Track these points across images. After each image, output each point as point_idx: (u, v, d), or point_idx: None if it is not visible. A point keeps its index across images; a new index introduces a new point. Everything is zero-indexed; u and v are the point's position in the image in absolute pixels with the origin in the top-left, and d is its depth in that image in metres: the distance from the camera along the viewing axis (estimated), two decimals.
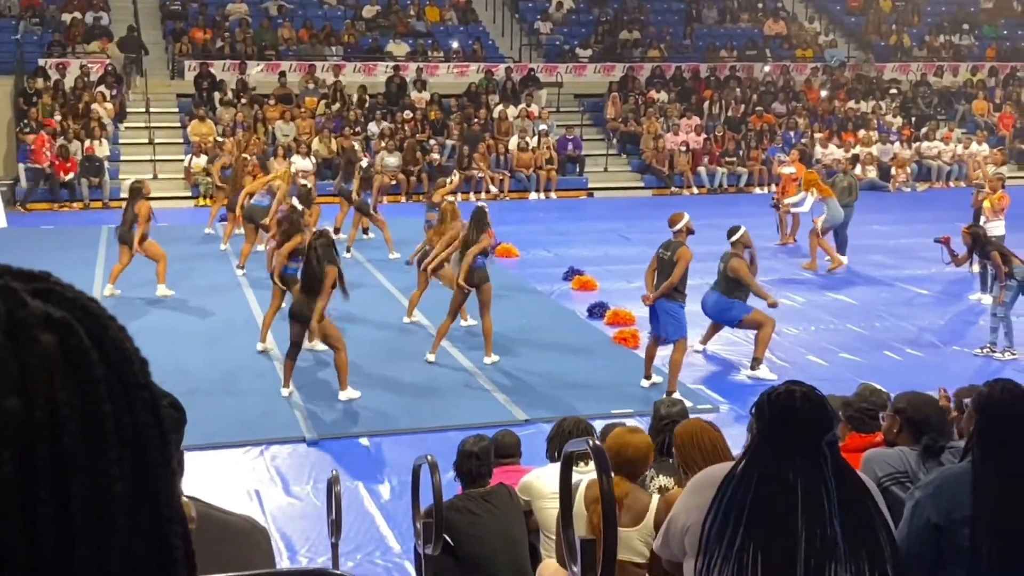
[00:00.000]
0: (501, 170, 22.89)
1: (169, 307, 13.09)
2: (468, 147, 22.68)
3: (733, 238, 10.78)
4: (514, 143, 23.18)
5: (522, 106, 24.29)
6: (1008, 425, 3.23)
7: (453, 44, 26.43)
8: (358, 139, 21.71)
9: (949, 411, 4.85)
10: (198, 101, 22.92)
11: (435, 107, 24.13)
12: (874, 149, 25.22)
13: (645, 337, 10.69)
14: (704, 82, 26.73)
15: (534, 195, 22.75)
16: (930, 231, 14.46)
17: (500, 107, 24.39)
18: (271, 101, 23.18)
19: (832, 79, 27.82)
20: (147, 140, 22.29)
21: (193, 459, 6.22)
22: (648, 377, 10.26)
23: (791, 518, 2.74)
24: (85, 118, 21.62)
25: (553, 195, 22.79)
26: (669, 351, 10.01)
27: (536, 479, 5.42)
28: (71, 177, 20.60)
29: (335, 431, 9.25)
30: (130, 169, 20.76)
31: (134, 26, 24.57)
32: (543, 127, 23.62)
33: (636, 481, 4.66)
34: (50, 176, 20.49)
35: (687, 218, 10.14)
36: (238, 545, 3.04)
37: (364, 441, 9.10)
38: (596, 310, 12.97)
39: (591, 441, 3.50)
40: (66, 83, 22.61)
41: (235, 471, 8.41)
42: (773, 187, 20.35)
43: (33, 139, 20.83)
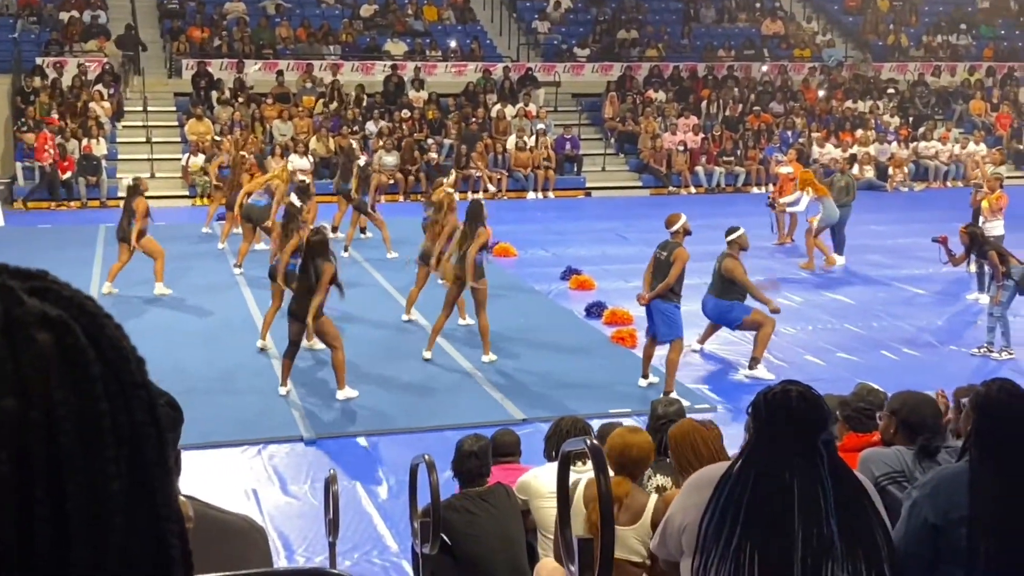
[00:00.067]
0: (499, 169, 22.88)
1: (166, 306, 13.08)
2: (466, 146, 22.67)
3: (730, 238, 10.78)
4: (512, 142, 23.17)
5: (520, 105, 24.27)
6: (1005, 425, 3.23)
7: (451, 43, 26.41)
8: (356, 138, 21.68)
9: (946, 414, 4.85)
10: (196, 100, 22.91)
11: (433, 106, 24.11)
12: (871, 149, 25.22)
13: (643, 337, 10.69)
14: (702, 82, 26.73)
15: (532, 194, 22.74)
16: (927, 231, 14.46)
17: (498, 106, 24.38)
18: (269, 100, 23.16)
19: (830, 79, 27.83)
20: (145, 139, 22.26)
21: (190, 458, 6.22)
22: (646, 376, 10.26)
23: (788, 517, 2.74)
24: (82, 117, 21.60)
25: (551, 194, 22.78)
26: (666, 351, 10.01)
27: (534, 478, 5.42)
28: (68, 176, 20.59)
29: (333, 430, 9.25)
30: (128, 168, 20.71)
31: (132, 24, 24.56)
32: (541, 126, 23.62)
33: (636, 481, 4.67)
34: (51, 174, 20.47)
35: (684, 219, 10.13)
36: (235, 544, 3.04)
37: (362, 440, 9.10)
38: (594, 309, 12.97)
39: (588, 440, 3.50)
40: (63, 82, 22.58)
41: (232, 470, 8.41)
42: (771, 187, 20.35)
43: (33, 138, 20.80)
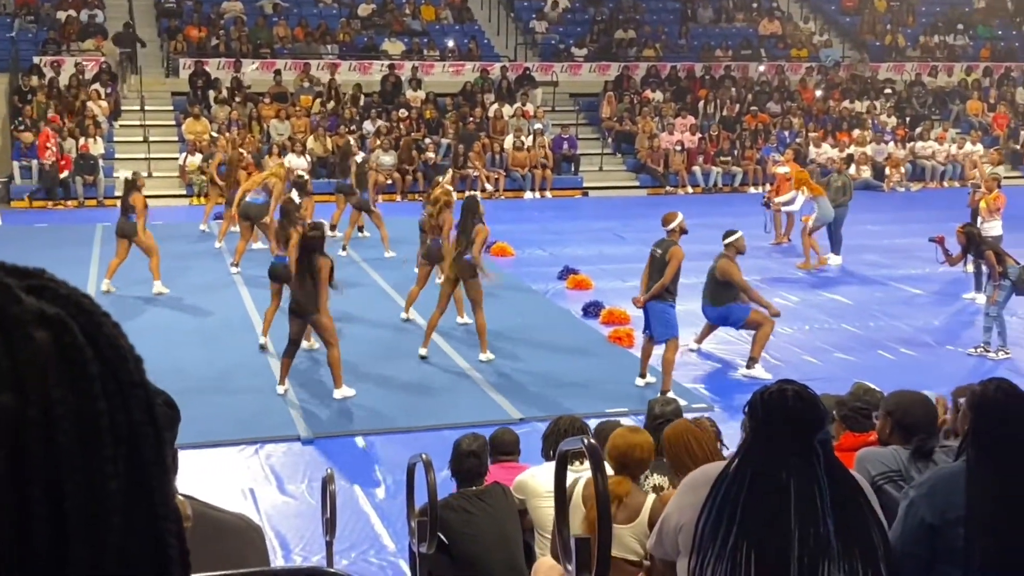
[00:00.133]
0: (496, 169, 22.87)
1: (164, 305, 13.07)
2: (463, 146, 22.66)
3: (727, 241, 10.77)
4: (509, 142, 23.16)
5: (517, 105, 24.27)
6: (1002, 424, 3.23)
7: (448, 43, 26.41)
8: (353, 137, 21.67)
9: (943, 416, 4.85)
10: (193, 99, 22.90)
11: (430, 106, 24.10)
12: (868, 149, 25.24)
13: (640, 336, 10.70)
14: (699, 82, 26.74)
15: (529, 194, 22.74)
16: (924, 231, 14.47)
17: (495, 106, 24.38)
18: (266, 99, 23.15)
19: (827, 79, 27.85)
20: (142, 138, 22.24)
21: (188, 457, 6.22)
22: (643, 376, 10.26)
23: (784, 517, 2.74)
24: (80, 116, 21.58)
25: (548, 194, 22.79)
26: (663, 350, 10.01)
27: (531, 478, 5.42)
28: (66, 175, 20.56)
29: (330, 430, 9.25)
30: (125, 167, 20.67)
31: (130, 21, 24.54)
32: (538, 126, 23.62)
33: (637, 480, 4.68)
34: (51, 173, 20.44)
35: (681, 217, 10.13)
36: (233, 543, 3.04)
37: (359, 440, 9.10)
38: (591, 309, 12.97)
39: (585, 440, 3.50)
40: (61, 81, 22.56)
41: (230, 469, 8.40)
42: (767, 186, 20.36)
43: (30, 137, 20.75)
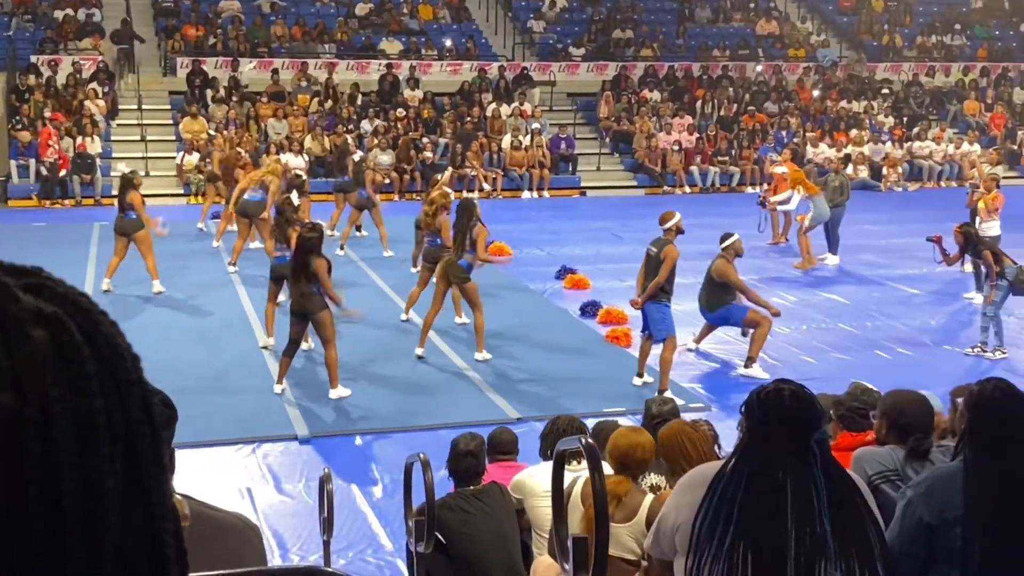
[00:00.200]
0: (494, 169, 22.87)
1: (161, 304, 13.05)
2: (461, 145, 22.67)
3: (724, 244, 10.77)
4: (507, 142, 23.17)
5: (515, 104, 24.27)
6: (1000, 424, 3.24)
7: (446, 42, 26.40)
8: (351, 136, 21.66)
9: (942, 422, 4.85)
10: (190, 98, 22.88)
11: (428, 105, 24.10)
12: (866, 149, 25.25)
13: (637, 336, 10.70)
14: (697, 81, 26.75)
15: (527, 194, 22.74)
16: (921, 231, 14.47)
17: (493, 105, 24.38)
18: (264, 99, 23.14)
19: (824, 79, 27.87)
20: (139, 137, 22.21)
21: (185, 456, 6.22)
22: (641, 375, 10.26)
23: (781, 517, 2.74)
24: (77, 115, 21.56)
25: (546, 194, 22.79)
26: (660, 350, 10.02)
27: (528, 477, 5.42)
28: (63, 174, 20.54)
29: (327, 429, 9.24)
30: (122, 166, 20.69)
31: (127, 19, 24.52)
32: (536, 126, 23.61)
33: (636, 480, 4.69)
34: (51, 172, 20.40)
35: (678, 217, 10.12)
36: (230, 542, 3.04)
37: (357, 439, 9.10)
38: (588, 309, 12.97)
39: (583, 439, 3.50)
40: (58, 80, 22.55)
41: (227, 469, 8.40)
42: (765, 186, 20.36)
43: (27, 136, 20.72)
